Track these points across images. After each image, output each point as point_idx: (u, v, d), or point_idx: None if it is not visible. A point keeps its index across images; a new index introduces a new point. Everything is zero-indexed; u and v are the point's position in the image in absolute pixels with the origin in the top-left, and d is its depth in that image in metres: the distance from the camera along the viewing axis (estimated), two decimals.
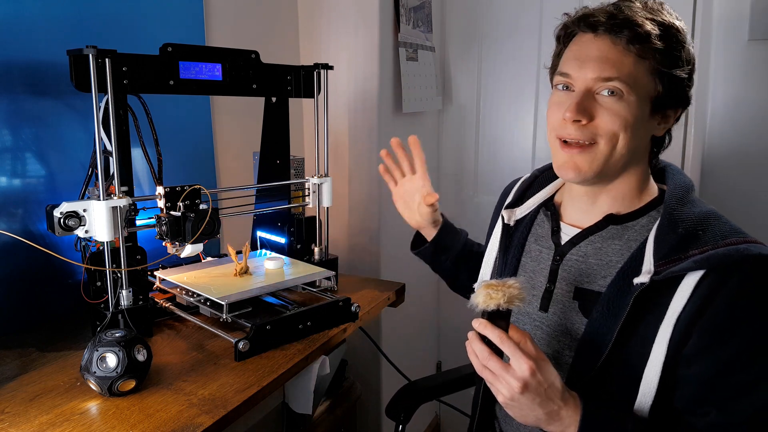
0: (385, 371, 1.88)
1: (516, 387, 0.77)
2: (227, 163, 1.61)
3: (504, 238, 1.06)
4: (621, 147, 0.85)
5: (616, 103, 0.84)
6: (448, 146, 2.25)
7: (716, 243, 0.79)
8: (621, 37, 0.83)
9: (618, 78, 0.83)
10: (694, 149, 1.82)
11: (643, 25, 0.82)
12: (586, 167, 0.87)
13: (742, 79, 1.77)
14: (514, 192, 1.10)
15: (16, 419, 0.84)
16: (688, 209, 0.85)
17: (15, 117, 1.12)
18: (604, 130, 0.84)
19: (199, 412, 0.86)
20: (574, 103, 0.85)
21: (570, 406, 0.80)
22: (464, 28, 2.15)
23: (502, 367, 0.79)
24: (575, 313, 0.91)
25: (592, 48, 0.85)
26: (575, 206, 0.97)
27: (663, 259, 0.81)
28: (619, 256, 0.89)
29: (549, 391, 0.78)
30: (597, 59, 0.84)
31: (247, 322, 1.08)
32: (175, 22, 1.42)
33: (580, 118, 0.84)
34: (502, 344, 0.79)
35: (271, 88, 1.33)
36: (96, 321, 1.08)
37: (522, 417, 0.81)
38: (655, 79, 0.84)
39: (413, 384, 1.35)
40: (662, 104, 0.86)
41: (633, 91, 0.83)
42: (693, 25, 1.76)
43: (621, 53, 0.83)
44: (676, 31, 0.85)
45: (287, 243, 1.43)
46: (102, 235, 1.02)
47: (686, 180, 0.91)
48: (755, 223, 1.73)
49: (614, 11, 0.85)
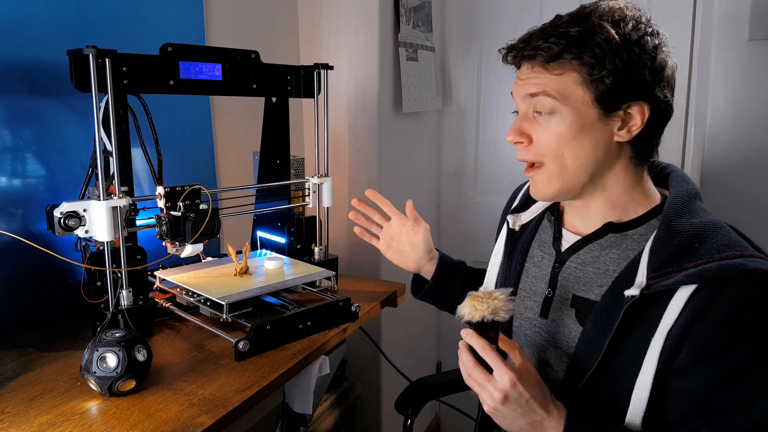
0: (385, 371, 1.88)
1: (497, 397, 0.79)
2: (227, 163, 1.61)
3: (509, 242, 1.06)
4: (571, 160, 0.85)
5: (549, 119, 0.85)
6: (448, 146, 2.25)
7: (711, 257, 0.78)
8: (535, 62, 0.86)
9: (543, 92, 0.84)
10: (694, 149, 1.82)
11: (549, 47, 0.83)
12: (543, 187, 0.89)
13: (742, 79, 1.77)
14: (521, 196, 1.10)
15: (16, 419, 0.84)
16: (687, 220, 0.83)
17: (15, 117, 1.12)
18: (543, 148, 0.87)
19: (199, 412, 0.86)
20: (512, 126, 0.90)
21: (554, 417, 0.81)
22: (464, 28, 2.15)
23: (485, 377, 0.81)
24: (572, 321, 0.91)
25: (521, 75, 0.89)
26: (574, 213, 0.96)
27: (656, 272, 0.80)
28: (617, 265, 0.88)
29: (531, 402, 0.80)
30: (525, 81, 0.87)
31: (247, 322, 1.08)
32: (175, 22, 1.42)
33: (517, 139, 0.89)
34: (484, 355, 0.81)
35: (271, 88, 1.33)
36: (96, 321, 1.08)
37: (506, 426, 0.83)
38: (584, 87, 0.83)
39: (421, 381, 1.35)
40: (610, 106, 0.83)
41: (564, 104, 0.83)
42: (693, 25, 1.76)
43: (541, 73, 0.85)
44: (593, 33, 0.82)
45: (287, 243, 1.43)
46: (102, 235, 1.02)
47: (689, 188, 0.89)
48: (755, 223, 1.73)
49: (529, 37, 0.87)
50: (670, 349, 0.78)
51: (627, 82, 0.82)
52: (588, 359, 0.84)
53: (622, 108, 0.84)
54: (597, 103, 0.83)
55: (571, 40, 0.82)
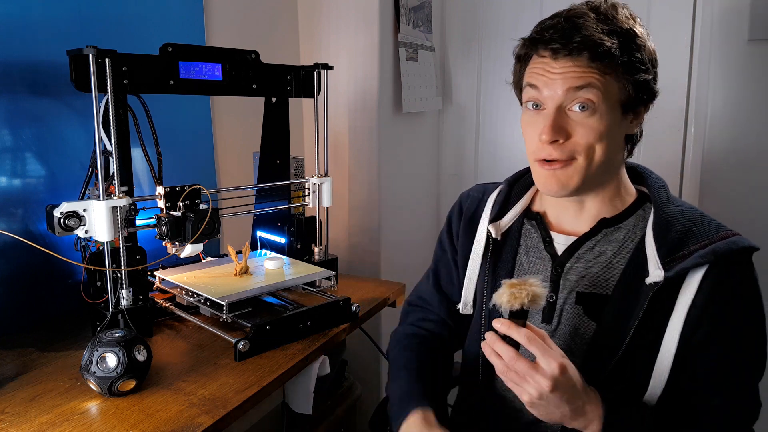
0: (385, 371, 1.88)
1: (546, 386, 0.77)
2: (227, 163, 1.61)
3: (492, 254, 1.01)
4: (599, 157, 0.86)
5: (590, 117, 0.83)
6: (448, 146, 2.24)
7: (711, 236, 0.84)
8: (581, 58, 0.82)
9: (590, 85, 0.82)
10: (694, 149, 1.82)
11: (602, 42, 0.81)
12: (567, 181, 0.87)
13: (742, 79, 1.77)
14: (493, 205, 1.04)
15: (16, 419, 0.84)
16: (676, 207, 0.89)
17: (15, 117, 1.12)
18: (582, 146, 0.84)
19: (199, 412, 0.86)
20: (549, 124, 0.84)
21: (593, 401, 0.82)
22: (464, 28, 2.14)
23: (531, 367, 0.78)
24: (580, 318, 0.91)
25: (554, 67, 0.84)
26: (565, 215, 0.96)
27: (667, 257, 0.84)
28: (618, 257, 0.90)
29: (575, 387, 0.80)
30: (562, 77, 0.83)
31: (247, 322, 1.08)
32: (175, 22, 1.42)
33: (557, 138, 0.84)
34: (530, 344, 0.78)
35: (271, 88, 1.33)
36: (96, 321, 1.08)
37: (547, 415, 0.81)
38: (622, 86, 0.84)
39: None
40: (632, 105, 0.87)
41: (604, 101, 0.83)
42: (693, 25, 1.76)
43: (584, 70, 0.82)
44: (635, 36, 0.84)
45: (287, 243, 1.43)
46: (102, 235, 1.02)
47: (661, 179, 0.95)
48: (755, 223, 1.73)
49: (568, 29, 0.82)
50: (691, 326, 0.84)
51: (653, 85, 0.87)
52: (609, 351, 0.87)
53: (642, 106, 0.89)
54: (627, 102, 0.86)
55: (622, 38, 0.83)
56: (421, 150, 2.14)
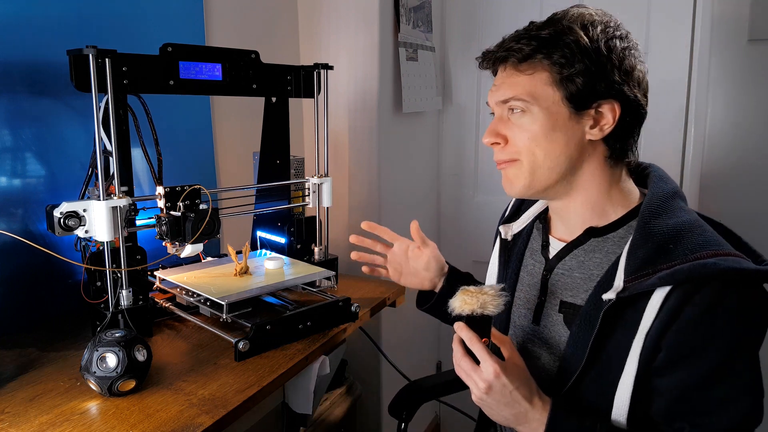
0: (385, 371, 1.88)
1: (482, 387, 0.82)
2: (227, 163, 1.61)
3: (503, 252, 1.08)
4: (543, 158, 0.87)
5: (521, 118, 0.88)
6: (448, 146, 2.25)
7: (685, 257, 0.78)
8: (508, 65, 0.89)
9: (513, 97, 0.87)
10: (694, 149, 1.82)
11: (521, 48, 0.86)
12: (514, 181, 0.91)
13: (742, 80, 1.77)
14: (510, 207, 1.12)
15: (16, 419, 0.84)
16: (663, 221, 0.84)
17: (15, 117, 1.12)
18: (518, 146, 0.89)
19: (199, 412, 0.86)
20: (488, 129, 0.92)
21: (537, 409, 0.83)
22: (464, 28, 2.15)
23: (472, 367, 0.84)
24: (560, 326, 0.92)
25: (496, 80, 0.93)
26: (558, 220, 0.98)
27: (633, 275, 0.81)
28: (600, 269, 0.89)
29: (514, 393, 0.82)
30: (498, 87, 0.91)
31: (247, 322, 1.08)
32: (175, 22, 1.42)
33: (493, 140, 0.91)
34: (471, 346, 0.84)
35: (271, 88, 1.33)
36: (96, 321, 1.08)
37: (493, 415, 0.86)
38: (555, 86, 0.85)
39: (416, 383, 1.35)
40: (580, 104, 0.85)
41: (534, 104, 0.86)
42: (693, 25, 1.76)
43: (513, 76, 0.88)
44: (563, 32, 0.84)
45: (287, 243, 1.43)
46: (102, 235, 1.02)
47: (667, 187, 0.90)
48: (755, 223, 1.73)
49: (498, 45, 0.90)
50: (649, 351, 0.80)
51: (597, 81, 0.84)
52: (575, 362, 0.86)
53: (592, 107, 0.85)
54: (568, 102, 0.85)
55: (542, 42, 0.85)
56: (421, 150, 2.14)
